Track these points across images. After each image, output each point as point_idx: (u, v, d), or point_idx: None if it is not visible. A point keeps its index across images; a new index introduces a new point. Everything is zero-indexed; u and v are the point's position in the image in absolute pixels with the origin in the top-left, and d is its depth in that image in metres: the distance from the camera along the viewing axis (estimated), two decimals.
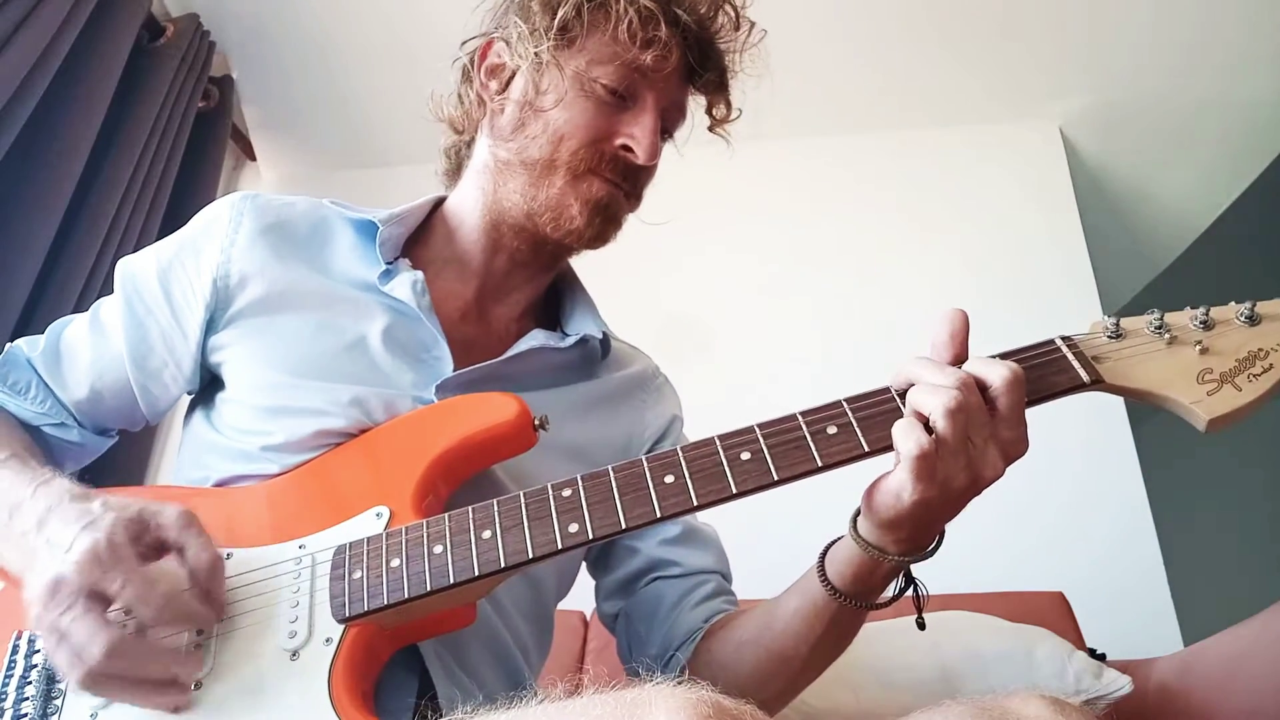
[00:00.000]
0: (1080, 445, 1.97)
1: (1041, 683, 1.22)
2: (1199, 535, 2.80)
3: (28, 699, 0.62)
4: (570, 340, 0.88)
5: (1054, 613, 1.51)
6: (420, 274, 0.84)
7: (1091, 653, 1.35)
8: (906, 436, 0.60)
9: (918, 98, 2.40)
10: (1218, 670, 1.19)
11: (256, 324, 0.82)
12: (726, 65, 0.90)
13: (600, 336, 0.90)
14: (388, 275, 0.84)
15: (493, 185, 0.87)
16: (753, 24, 0.90)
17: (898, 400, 0.65)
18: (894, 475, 0.62)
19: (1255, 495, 3.44)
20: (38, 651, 0.64)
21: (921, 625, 0.71)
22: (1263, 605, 1.13)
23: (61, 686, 0.62)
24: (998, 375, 0.61)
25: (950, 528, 0.66)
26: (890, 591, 0.70)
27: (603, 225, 0.84)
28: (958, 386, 0.60)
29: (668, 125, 0.88)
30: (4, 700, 0.62)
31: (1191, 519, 2.73)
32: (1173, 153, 2.48)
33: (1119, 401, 1.95)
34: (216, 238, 0.84)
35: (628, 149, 0.82)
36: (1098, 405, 0.74)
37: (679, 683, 0.47)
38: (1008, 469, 0.62)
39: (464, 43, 0.91)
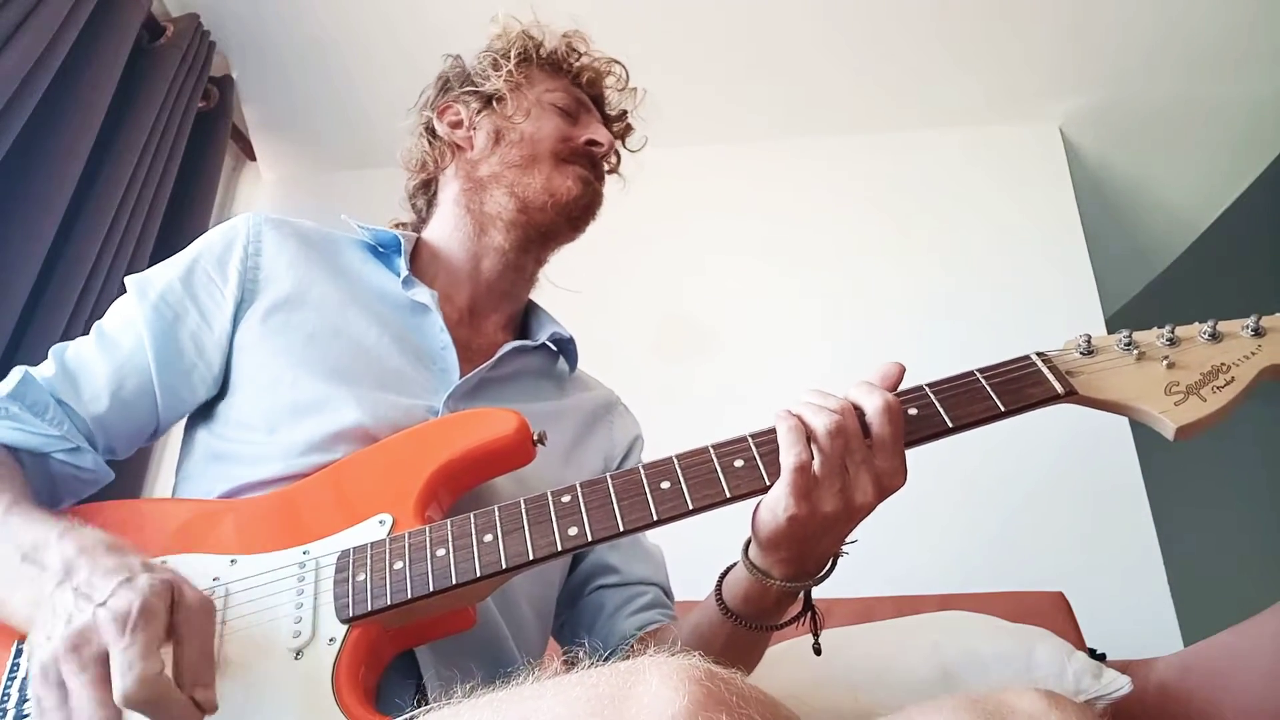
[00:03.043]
0: (1080, 446, 1.97)
1: (1041, 683, 1.22)
2: (1199, 535, 2.80)
3: (29, 700, 0.61)
4: (539, 340, 0.97)
5: (1054, 613, 1.51)
6: (434, 291, 0.91)
7: (1091, 653, 1.35)
8: (788, 450, 0.63)
9: (917, 99, 2.40)
10: (1218, 670, 1.19)
11: (278, 321, 0.85)
12: (626, 112, 1.10)
13: (567, 336, 1.00)
14: (409, 283, 0.91)
15: (478, 202, 0.98)
16: (636, 89, 1.10)
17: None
18: (772, 492, 0.65)
19: (1255, 495, 3.44)
20: None
21: (818, 651, 0.73)
22: (1263, 605, 1.13)
23: None
24: (872, 403, 0.64)
25: (950, 528, 0.67)
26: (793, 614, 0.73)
27: (589, 202, 0.99)
28: (838, 410, 0.64)
29: None
30: (6, 702, 0.62)
31: (1191, 519, 2.73)
32: (1173, 153, 2.48)
33: None
34: (238, 242, 0.88)
35: (592, 143, 1.00)
36: None
37: (673, 653, 0.49)
38: (893, 495, 0.65)
39: (420, 110, 1.07)
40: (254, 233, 0.89)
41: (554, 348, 1.02)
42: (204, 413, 0.87)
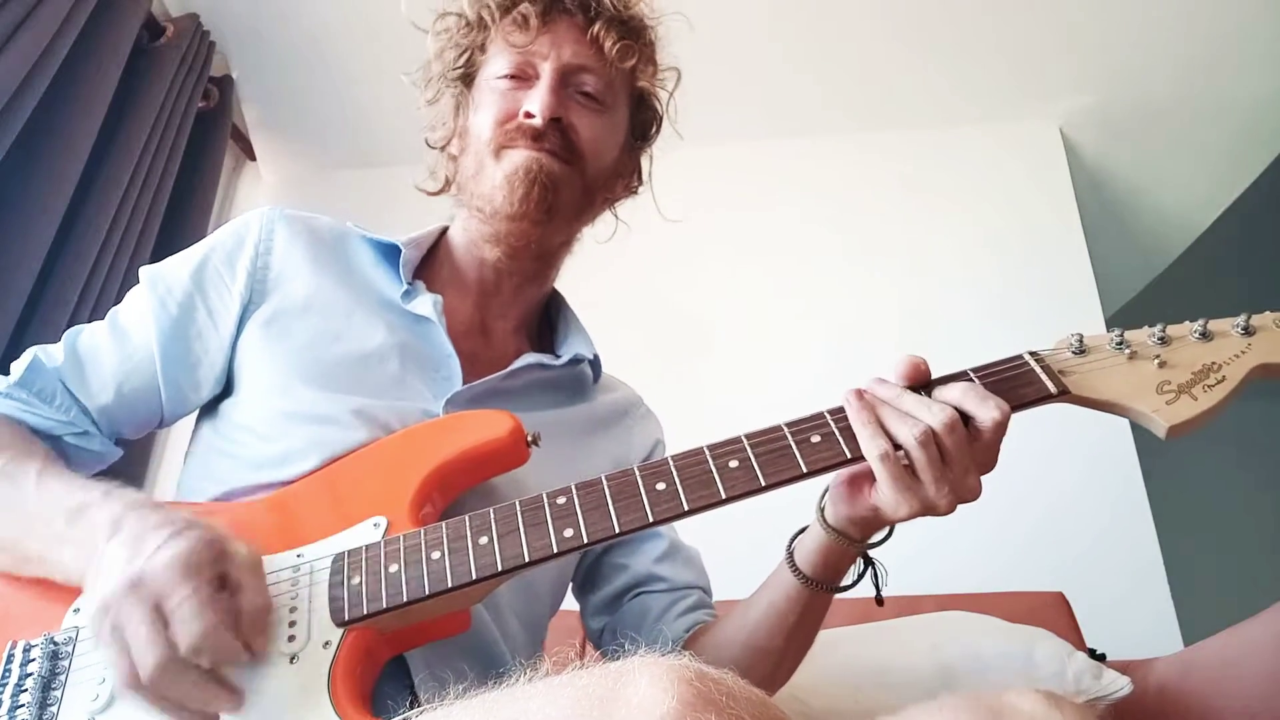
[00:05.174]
0: (1080, 446, 1.97)
1: (1041, 683, 1.22)
2: (1199, 535, 2.80)
3: (23, 706, 0.62)
4: (563, 360, 0.93)
5: (1054, 613, 1.51)
6: (439, 297, 0.88)
7: (1091, 653, 1.35)
8: (895, 486, 0.64)
9: (918, 98, 2.40)
10: (1218, 670, 1.19)
11: (280, 327, 0.84)
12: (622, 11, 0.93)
13: (591, 357, 0.96)
14: (409, 294, 0.88)
15: (463, 212, 0.93)
16: None
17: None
18: (881, 493, 0.66)
19: (1255, 496, 3.44)
20: (32, 660, 0.64)
21: (880, 602, 0.76)
22: (1262, 605, 1.13)
23: (57, 694, 0.63)
24: (986, 414, 0.65)
25: (950, 528, 0.68)
26: (851, 576, 0.75)
27: (529, 186, 0.85)
28: (932, 420, 0.64)
29: (579, 80, 0.90)
30: None
31: (1191, 519, 2.72)
32: (1173, 153, 2.48)
33: None
34: (250, 239, 0.87)
35: (529, 114, 0.86)
36: None
37: (664, 654, 0.49)
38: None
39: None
40: (266, 230, 0.88)
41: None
42: (211, 409, 0.87)
